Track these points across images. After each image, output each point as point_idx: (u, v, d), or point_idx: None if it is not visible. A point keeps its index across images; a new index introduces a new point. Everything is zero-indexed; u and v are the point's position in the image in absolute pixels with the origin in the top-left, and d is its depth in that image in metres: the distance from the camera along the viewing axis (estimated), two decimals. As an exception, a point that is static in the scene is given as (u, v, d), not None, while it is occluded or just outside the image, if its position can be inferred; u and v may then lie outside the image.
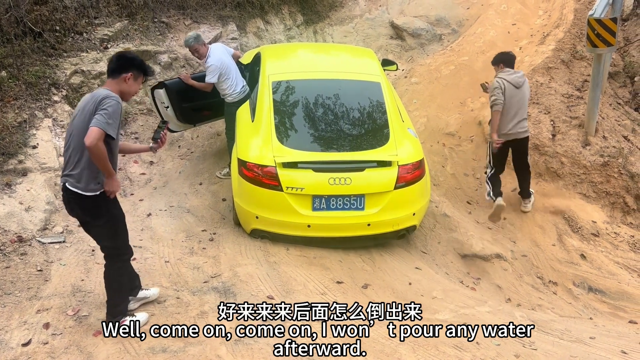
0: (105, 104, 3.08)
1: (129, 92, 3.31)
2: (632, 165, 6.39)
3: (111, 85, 3.27)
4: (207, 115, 6.58)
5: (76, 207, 3.34)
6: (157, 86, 6.15)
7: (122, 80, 3.27)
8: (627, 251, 5.80)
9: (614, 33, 5.93)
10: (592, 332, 4.09)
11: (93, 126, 3.05)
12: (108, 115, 3.07)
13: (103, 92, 3.18)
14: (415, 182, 4.95)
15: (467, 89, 8.37)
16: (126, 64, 3.28)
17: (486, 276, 5.32)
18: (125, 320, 3.56)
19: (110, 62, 3.31)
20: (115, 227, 3.46)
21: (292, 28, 10.10)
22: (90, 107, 3.14)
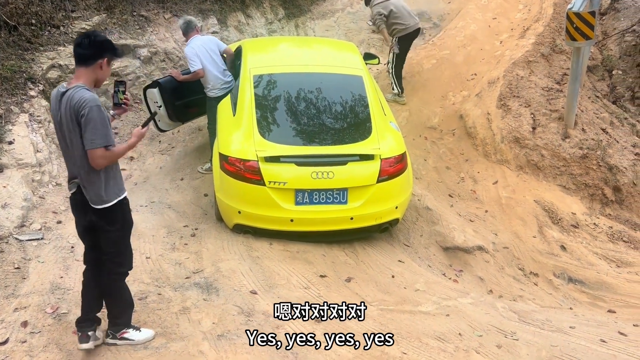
0: (87, 117, 2.85)
1: (104, 78, 3.05)
2: (611, 158, 6.49)
3: (85, 75, 2.96)
4: (194, 112, 6.54)
5: (91, 214, 3.12)
6: (150, 85, 6.08)
7: (98, 67, 2.98)
8: (605, 242, 5.89)
9: (592, 27, 6.00)
10: (572, 321, 4.14)
11: (91, 149, 2.90)
12: (97, 129, 2.88)
13: (78, 96, 2.88)
14: (397, 175, 4.96)
15: (448, 83, 8.41)
16: (100, 48, 2.96)
17: (468, 268, 5.36)
18: (127, 332, 3.40)
19: (79, 46, 2.92)
20: (125, 233, 3.32)
21: (273, 22, 10.05)
22: (71, 113, 2.90)
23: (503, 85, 7.46)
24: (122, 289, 3.40)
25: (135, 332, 3.42)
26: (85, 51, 2.92)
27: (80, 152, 2.97)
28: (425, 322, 3.87)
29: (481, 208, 6.30)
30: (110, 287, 3.35)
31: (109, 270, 3.30)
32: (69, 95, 2.90)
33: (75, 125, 2.91)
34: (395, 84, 8.12)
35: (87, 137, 2.89)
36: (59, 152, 6.02)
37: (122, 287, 3.39)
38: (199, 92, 6.17)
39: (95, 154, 2.92)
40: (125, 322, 3.43)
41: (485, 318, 4.03)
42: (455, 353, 3.48)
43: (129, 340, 3.39)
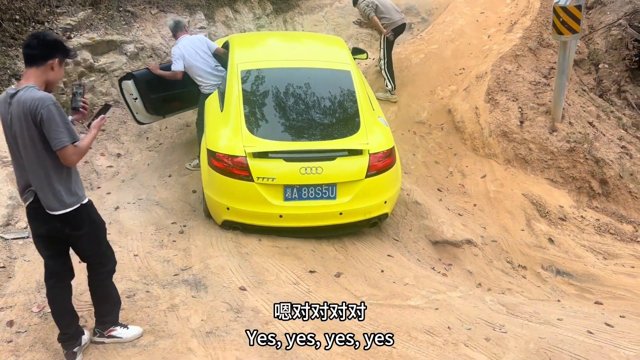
0: (47, 117, 2.72)
1: (56, 79, 2.90)
2: (597, 151, 6.54)
3: (35, 75, 2.82)
4: (176, 106, 6.47)
5: (54, 222, 2.97)
6: (125, 77, 6.02)
7: (49, 68, 2.84)
8: (592, 234, 5.94)
9: (578, 20, 6.03)
10: (559, 313, 4.18)
11: (61, 149, 2.79)
12: (61, 127, 2.76)
13: (30, 96, 2.74)
14: (386, 170, 4.95)
15: (436, 77, 8.42)
16: (51, 48, 2.84)
17: (457, 262, 5.38)
18: (114, 330, 3.35)
19: (27, 47, 2.81)
20: (99, 234, 3.20)
21: (261, 17, 9.99)
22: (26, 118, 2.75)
23: (491, 79, 7.48)
24: (109, 287, 3.36)
25: (123, 330, 3.39)
26: (35, 51, 2.81)
27: (36, 156, 2.83)
28: (415, 316, 3.89)
29: (470, 202, 6.32)
30: (97, 286, 3.32)
31: (95, 271, 3.26)
32: (20, 96, 2.76)
33: (31, 127, 2.76)
34: (389, 80, 8.14)
35: (53, 137, 2.77)
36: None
37: (109, 285, 3.35)
38: (177, 86, 6.10)
39: (66, 152, 2.82)
40: (112, 320, 3.39)
41: (474, 311, 4.05)
42: (444, 346, 3.49)
43: (116, 338, 3.36)
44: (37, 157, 2.84)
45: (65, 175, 2.94)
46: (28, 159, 2.86)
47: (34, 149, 2.82)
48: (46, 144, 2.81)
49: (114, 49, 7.54)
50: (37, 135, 2.79)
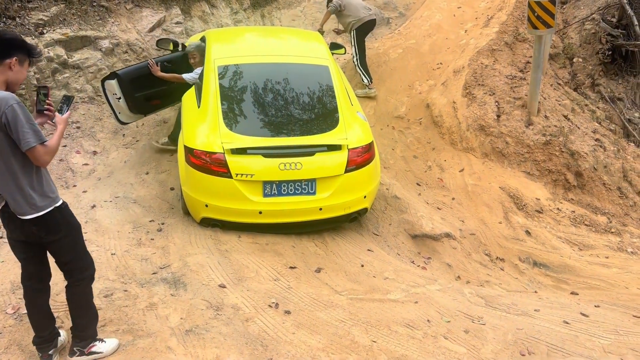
0: (12, 116, 2.58)
1: (17, 80, 2.73)
2: (572, 144, 6.64)
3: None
4: (158, 104, 6.41)
5: (28, 226, 2.83)
6: (108, 77, 5.91)
7: (7, 68, 2.68)
8: (568, 226, 6.05)
9: (552, 15, 6.11)
10: (536, 304, 4.25)
11: (30, 150, 2.65)
12: (26, 127, 2.61)
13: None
14: (365, 165, 4.97)
15: (414, 72, 8.46)
16: (7, 46, 2.68)
17: (436, 255, 5.42)
18: (94, 346, 3.17)
19: None
20: (76, 237, 3.04)
21: (238, 12, 9.91)
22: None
23: (468, 74, 7.54)
24: (90, 296, 3.16)
25: (102, 344, 3.21)
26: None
27: (1, 160, 2.69)
28: (395, 310, 3.91)
29: (448, 196, 6.38)
30: (78, 296, 3.10)
31: (74, 278, 3.08)
32: None
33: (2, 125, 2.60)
34: (364, 75, 8.15)
35: (20, 138, 2.62)
36: (18, 148, 5.82)
37: (90, 293, 3.15)
38: (161, 83, 6.05)
39: (37, 152, 2.67)
40: (92, 334, 3.21)
41: (453, 304, 4.10)
42: (424, 339, 3.53)
43: (97, 353, 3.17)
44: (3, 161, 2.71)
45: (35, 177, 2.80)
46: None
47: (6, 154, 2.68)
48: (11, 147, 2.67)
49: (88, 44, 7.40)
50: (2, 137, 2.64)
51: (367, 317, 3.76)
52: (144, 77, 5.95)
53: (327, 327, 3.61)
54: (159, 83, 6.08)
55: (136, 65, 6.27)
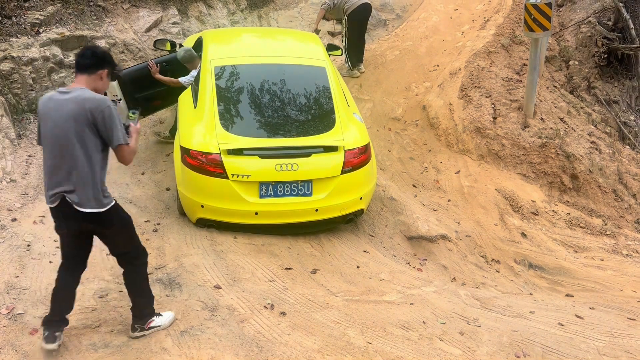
0: (109, 115, 2.96)
1: (103, 89, 3.17)
2: (568, 146, 6.66)
3: (86, 82, 3.06)
4: (157, 105, 6.41)
5: (84, 222, 3.09)
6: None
7: (98, 77, 3.10)
8: (564, 228, 6.06)
9: (549, 18, 6.13)
10: (531, 306, 4.25)
11: (119, 145, 3.02)
12: (119, 127, 3.02)
13: (90, 96, 2.97)
14: (361, 166, 4.97)
15: (411, 74, 8.48)
16: (102, 60, 3.12)
17: (432, 257, 5.43)
18: (152, 321, 3.40)
19: (81, 57, 3.07)
20: (129, 229, 3.32)
21: (235, 12, 9.90)
22: (84, 115, 2.92)
23: (464, 76, 7.56)
24: (146, 280, 3.44)
25: (159, 318, 3.43)
26: (87, 61, 3.05)
27: (83, 154, 2.96)
28: (390, 312, 3.91)
29: (444, 197, 6.39)
30: (136, 280, 3.38)
31: (132, 265, 3.35)
32: (79, 95, 2.95)
33: (85, 125, 2.93)
34: (347, 59, 8.53)
35: (113, 134, 2.99)
36: (13, 148, 5.81)
37: (146, 277, 3.44)
38: (160, 84, 6.05)
39: (125, 150, 3.07)
40: (150, 312, 3.43)
41: (449, 306, 4.10)
42: (420, 341, 3.53)
43: (156, 327, 3.40)
44: (86, 157, 2.97)
45: (104, 176, 3.12)
46: (72, 158, 2.96)
47: (82, 148, 2.95)
48: (97, 144, 2.99)
49: (84, 44, 7.38)
50: (90, 133, 2.95)
51: (363, 319, 3.76)
52: (144, 77, 5.94)
53: (322, 329, 3.60)
54: (158, 83, 6.07)
55: (136, 66, 6.27)
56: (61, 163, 3.00)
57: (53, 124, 2.97)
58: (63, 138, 2.96)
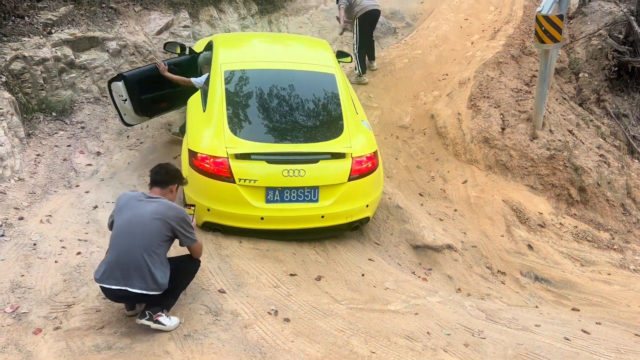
0: (186, 222, 3.52)
1: (172, 199, 3.67)
2: (576, 159, 6.63)
3: (161, 194, 3.59)
4: (164, 106, 6.42)
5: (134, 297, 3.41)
6: (114, 78, 5.91)
7: (169, 191, 3.65)
8: (570, 241, 6.02)
9: (560, 30, 6.10)
10: (537, 320, 4.21)
11: (193, 244, 3.60)
12: (192, 230, 3.58)
13: (171, 204, 3.51)
14: (368, 174, 4.96)
15: (420, 82, 8.47)
16: (174, 177, 3.70)
17: (437, 267, 5.40)
18: (161, 316, 3.46)
19: (157, 174, 3.64)
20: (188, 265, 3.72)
21: (246, 17, 9.94)
22: (166, 223, 3.40)
23: (474, 85, 7.55)
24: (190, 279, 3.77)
25: (167, 319, 3.48)
26: (161, 177, 3.64)
27: (152, 245, 3.38)
28: (394, 321, 3.89)
29: (451, 207, 6.36)
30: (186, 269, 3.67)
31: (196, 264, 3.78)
32: (164, 202, 3.51)
33: (165, 225, 3.41)
34: (358, 65, 8.56)
35: (188, 236, 3.54)
36: (22, 146, 5.84)
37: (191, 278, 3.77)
38: (167, 86, 6.07)
39: (198, 246, 3.65)
40: (167, 305, 3.56)
41: (454, 317, 4.07)
42: (424, 352, 3.50)
43: (161, 324, 3.44)
44: (154, 246, 3.39)
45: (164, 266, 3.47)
46: (142, 247, 3.34)
47: (158, 241, 3.40)
48: (168, 241, 3.50)
49: (95, 45, 7.43)
50: (166, 232, 3.43)
51: (367, 327, 3.73)
52: (151, 79, 5.97)
53: (326, 336, 3.58)
54: (166, 85, 6.09)
55: (143, 68, 6.28)
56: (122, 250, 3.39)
57: (129, 216, 3.43)
58: (130, 229, 3.40)
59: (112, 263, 3.35)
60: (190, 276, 3.74)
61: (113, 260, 3.35)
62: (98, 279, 3.35)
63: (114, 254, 3.37)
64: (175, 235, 3.50)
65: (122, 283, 3.30)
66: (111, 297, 3.44)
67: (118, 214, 3.51)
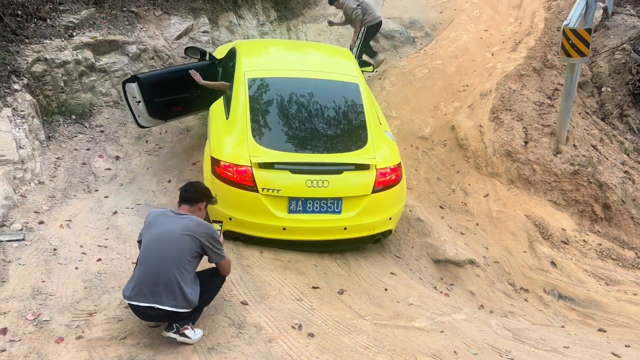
0: (215, 238, 3.48)
1: (201, 217, 3.63)
2: (601, 175, 6.51)
3: (190, 211, 3.57)
4: (179, 111, 6.36)
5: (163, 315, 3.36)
6: (129, 80, 5.88)
7: (197, 209, 3.62)
8: (595, 259, 5.90)
9: (588, 44, 6.01)
10: (565, 341, 4.11)
11: (221, 260, 3.53)
12: (220, 246, 3.54)
13: (200, 221, 3.48)
14: (392, 186, 4.88)
15: (440, 93, 8.38)
16: (203, 195, 3.67)
17: (459, 282, 5.30)
18: (187, 329, 3.43)
19: (186, 191, 3.62)
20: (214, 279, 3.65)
21: (265, 24, 9.91)
22: (195, 240, 3.37)
23: (495, 97, 7.45)
24: (215, 293, 3.72)
25: (192, 332, 3.45)
26: (190, 195, 3.61)
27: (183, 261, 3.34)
28: (420, 339, 3.80)
29: (472, 221, 6.26)
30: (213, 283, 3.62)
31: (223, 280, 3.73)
32: (193, 218, 3.48)
33: (193, 242, 3.37)
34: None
35: (216, 252, 3.48)
36: (42, 149, 5.82)
37: (216, 292, 3.73)
38: (183, 91, 6.02)
39: (226, 263, 3.57)
40: (194, 319, 3.53)
41: (480, 335, 3.98)
42: (452, 372, 3.41)
43: (187, 337, 3.41)
44: (184, 263, 3.34)
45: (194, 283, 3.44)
46: (172, 263, 3.30)
47: (188, 257, 3.35)
48: (197, 257, 3.44)
49: (115, 49, 7.42)
50: (195, 249, 3.39)
51: (393, 345, 3.65)
52: (166, 82, 5.92)
53: (351, 354, 3.50)
54: (181, 90, 6.04)
55: (159, 71, 6.25)
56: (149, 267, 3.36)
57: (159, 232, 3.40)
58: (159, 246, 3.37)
59: (141, 279, 3.29)
60: (216, 290, 3.68)
61: (142, 276, 3.30)
62: (127, 296, 3.29)
63: (143, 270, 3.32)
64: (204, 252, 3.45)
65: (151, 300, 3.23)
66: (140, 315, 3.37)
67: (146, 230, 3.48)
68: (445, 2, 11.18)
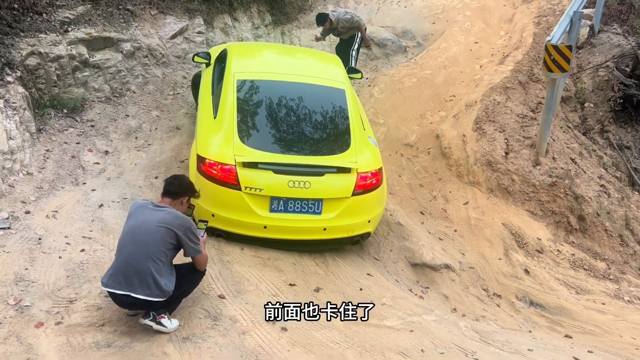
0: (192, 231, 3.57)
1: (182, 210, 3.71)
2: (577, 187, 6.70)
3: (171, 204, 3.64)
4: None
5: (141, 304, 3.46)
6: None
7: (179, 203, 3.68)
8: (567, 268, 6.07)
9: (568, 60, 6.21)
10: (530, 344, 4.27)
11: (198, 255, 3.63)
12: (197, 240, 3.63)
13: (179, 214, 3.56)
14: (372, 190, 5.03)
15: (427, 102, 8.56)
16: (187, 190, 3.74)
17: (434, 285, 5.45)
18: (164, 318, 3.53)
19: (170, 184, 3.69)
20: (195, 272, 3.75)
21: (259, 27, 10.07)
22: (170, 232, 3.45)
23: (480, 109, 7.64)
24: (194, 286, 3.82)
25: (168, 321, 3.55)
26: (174, 189, 3.67)
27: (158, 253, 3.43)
28: (390, 337, 3.94)
29: (451, 227, 6.42)
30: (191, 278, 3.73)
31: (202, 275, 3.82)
32: (171, 211, 3.56)
33: (170, 235, 3.46)
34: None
35: (192, 246, 3.56)
36: (32, 141, 5.92)
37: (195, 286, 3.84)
38: None
39: (203, 257, 3.67)
40: (171, 309, 3.63)
41: (448, 336, 4.12)
42: (417, 369, 3.55)
43: (163, 326, 3.51)
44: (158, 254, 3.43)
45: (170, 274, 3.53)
46: (146, 254, 3.39)
47: (162, 248, 3.44)
48: (173, 249, 3.53)
49: (110, 46, 7.54)
50: (170, 240, 3.47)
51: (362, 342, 3.79)
52: None
53: (321, 348, 3.63)
54: None
55: None
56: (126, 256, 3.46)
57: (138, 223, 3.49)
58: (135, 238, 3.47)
59: (117, 269, 3.42)
60: (194, 284, 3.80)
61: (118, 266, 3.43)
62: (104, 284, 3.41)
63: (120, 260, 3.45)
64: (180, 244, 3.54)
65: (125, 288, 3.36)
66: (118, 303, 3.49)
67: (127, 222, 3.60)
68: (439, 13, 11.38)
